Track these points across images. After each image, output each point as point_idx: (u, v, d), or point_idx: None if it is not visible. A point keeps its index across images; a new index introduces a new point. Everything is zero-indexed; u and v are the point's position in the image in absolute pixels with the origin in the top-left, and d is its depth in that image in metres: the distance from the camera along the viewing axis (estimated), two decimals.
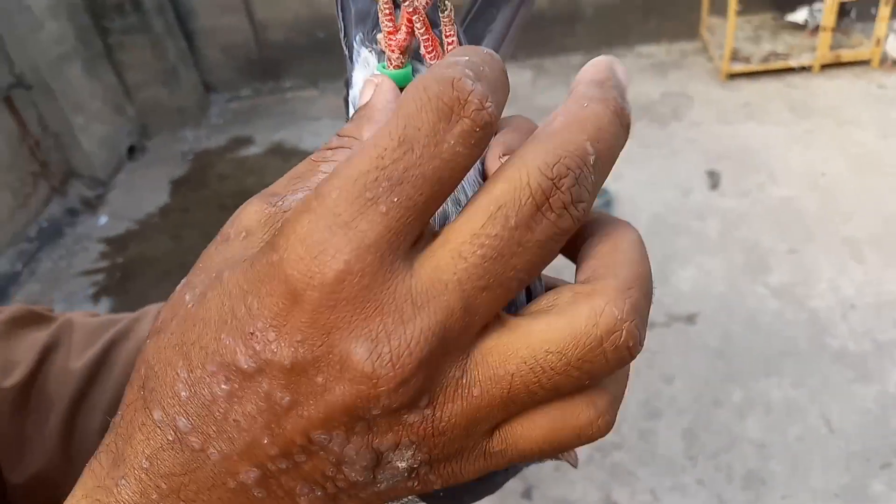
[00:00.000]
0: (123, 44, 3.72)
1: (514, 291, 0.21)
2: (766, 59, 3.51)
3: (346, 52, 0.33)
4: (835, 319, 2.26)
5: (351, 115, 0.31)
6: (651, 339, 2.27)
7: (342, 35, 0.33)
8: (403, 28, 0.29)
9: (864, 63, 3.45)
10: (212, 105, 4.20)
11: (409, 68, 0.30)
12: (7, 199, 3.10)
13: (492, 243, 0.20)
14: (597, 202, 0.23)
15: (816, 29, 3.48)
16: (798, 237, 2.57)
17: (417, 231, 0.20)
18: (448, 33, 0.30)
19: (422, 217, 0.20)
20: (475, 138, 0.20)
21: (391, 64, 0.30)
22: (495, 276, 0.20)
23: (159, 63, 3.80)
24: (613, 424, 0.24)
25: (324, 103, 4.08)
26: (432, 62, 0.30)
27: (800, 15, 3.55)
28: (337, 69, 4.19)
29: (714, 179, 2.91)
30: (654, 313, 2.34)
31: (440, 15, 0.30)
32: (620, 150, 0.23)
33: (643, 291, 0.22)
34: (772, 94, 3.41)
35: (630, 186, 2.94)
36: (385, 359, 0.19)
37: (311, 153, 0.28)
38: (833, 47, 3.43)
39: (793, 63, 3.47)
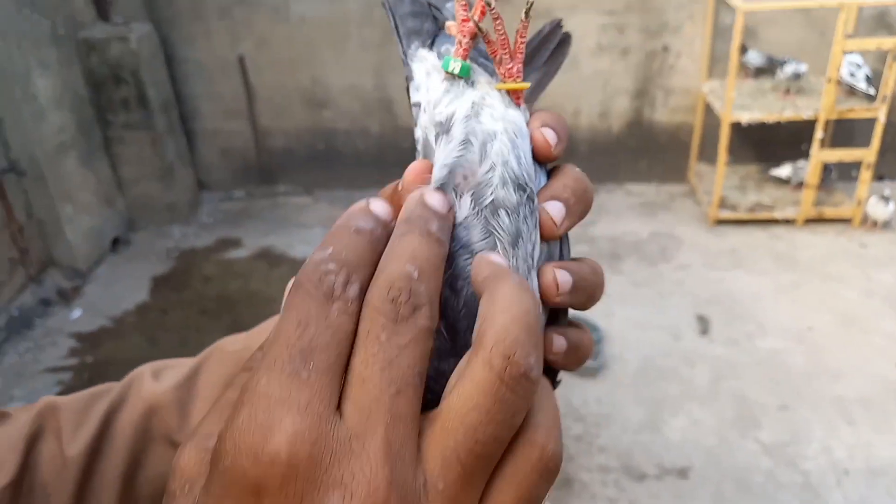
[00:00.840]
0: (123, 138, 3.74)
1: (421, 385, 0.26)
2: (752, 209, 3.63)
3: (403, 59, 0.39)
4: (829, 485, 2.19)
5: (412, 101, 0.38)
6: (643, 492, 2.17)
7: (400, 49, 0.40)
8: (476, 16, 0.35)
9: (846, 221, 3.57)
10: (204, 203, 4.19)
11: (469, 64, 0.35)
12: None
13: (378, 357, 0.25)
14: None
15: (800, 185, 3.63)
16: (788, 393, 2.54)
17: (338, 383, 0.25)
18: (521, 35, 0.36)
19: (337, 370, 0.25)
20: (350, 308, 0.26)
21: (460, 48, 0.35)
22: (396, 379, 0.25)
23: (157, 159, 3.81)
24: (562, 448, 0.27)
25: (316, 211, 4.09)
26: (501, 60, 0.35)
27: (784, 171, 3.71)
28: (333, 180, 4.24)
29: (703, 325, 2.92)
30: (646, 464, 2.26)
31: (522, 18, 0.36)
32: (440, 258, 0.29)
33: (521, 325, 0.25)
34: (758, 243, 3.50)
35: (620, 324, 2.93)
36: (358, 499, 0.22)
37: (298, 261, 0.35)
38: (816, 204, 3.57)
39: (777, 215, 3.58)
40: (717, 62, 3.74)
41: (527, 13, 0.36)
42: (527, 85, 0.36)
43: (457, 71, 0.35)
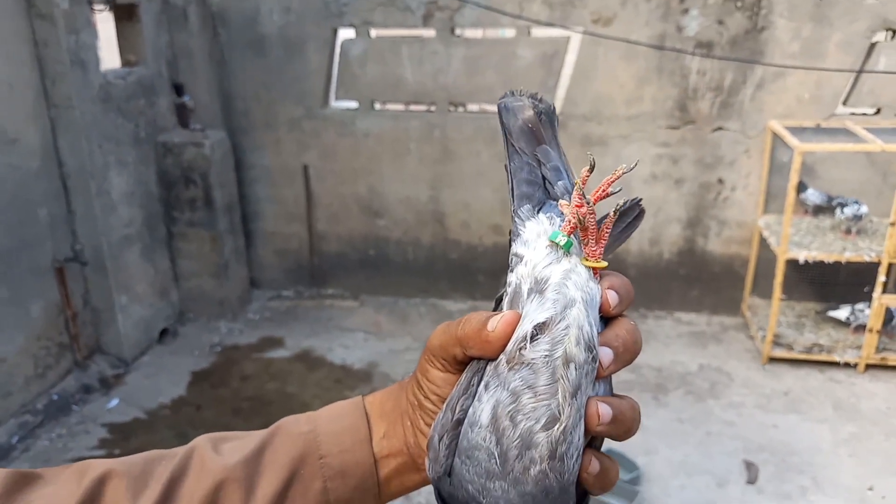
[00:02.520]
0: (186, 234, 3.92)
1: None
2: (809, 350, 3.46)
3: (513, 216, 0.50)
4: None
5: (513, 251, 0.49)
6: None
7: (511, 205, 0.51)
8: (585, 208, 0.45)
9: None
10: (253, 301, 4.29)
11: (572, 241, 0.45)
12: (28, 367, 3.07)
13: None
14: (624, 476, 1.12)
15: (860, 328, 3.45)
16: None
17: None
18: (607, 228, 0.46)
19: None
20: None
21: (568, 226, 0.45)
22: None
23: (214, 256, 3.96)
24: None
25: (361, 316, 4.12)
26: (589, 242, 0.46)
27: (842, 312, 3.55)
28: (381, 286, 4.30)
29: (752, 473, 2.71)
30: None
31: (611, 215, 0.46)
32: None
33: None
34: (814, 386, 3.30)
35: (662, 465, 2.76)
36: None
37: (336, 366, 0.38)
38: (879, 349, 3.37)
39: (837, 358, 3.40)
40: (774, 197, 3.70)
41: (616, 212, 0.47)
42: (605, 264, 0.46)
43: (562, 244, 0.45)
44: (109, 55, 3.53)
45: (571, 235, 0.45)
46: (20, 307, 3.03)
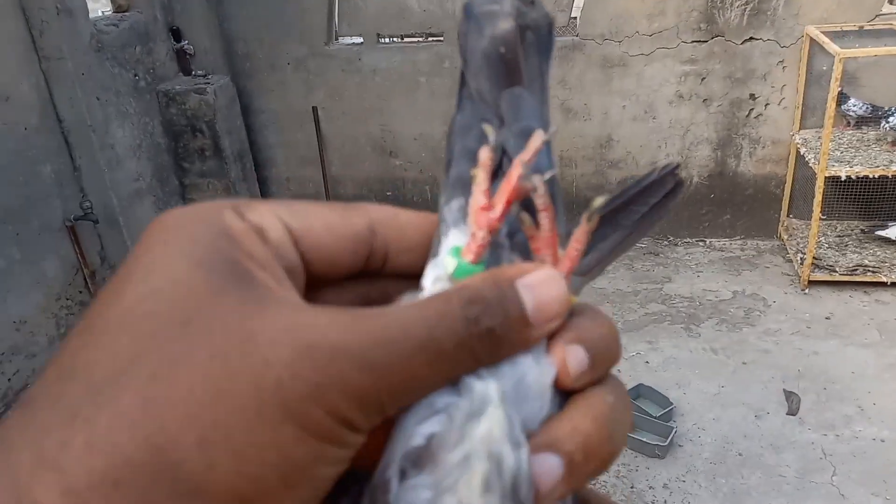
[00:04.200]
0: (198, 185, 3.84)
1: None
2: (852, 271, 3.27)
3: (439, 217, 0.28)
4: None
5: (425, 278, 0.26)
6: None
7: (441, 198, 0.28)
8: (501, 204, 0.25)
9: None
10: None
11: (483, 266, 0.25)
12: (50, 327, 3.07)
13: None
14: (656, 412, 1.19)
15: None
16: (893, 491, 2.19)
17: None
18: (578, 241, 0.25)
19: None
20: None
21: (473, 246, 0.25)
22: None
23: None
24: None
25: None
26: (542, 258, 0.25)
27: (892, 231, 3.33)
28: None
29: (792, 403, 2.59)
30: None
31: (583, 218, 0.25)
32: None
33: None
34: (858, 309, 3.13)
35: (695, 398, 2.65)
36: None
37: None
38: None
39: (884, 278, 3.21)
40: (812, 111, 3.44)
41: (590, 217, 0.25)
42: (574, 300, 0.25)
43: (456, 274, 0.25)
44: (100, 1, 3.38)
45: (479, 258, 0.25)
46: (35, 267, 3.00)
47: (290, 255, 0.25)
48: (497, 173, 0.26)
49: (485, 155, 0.26)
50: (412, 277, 0.27)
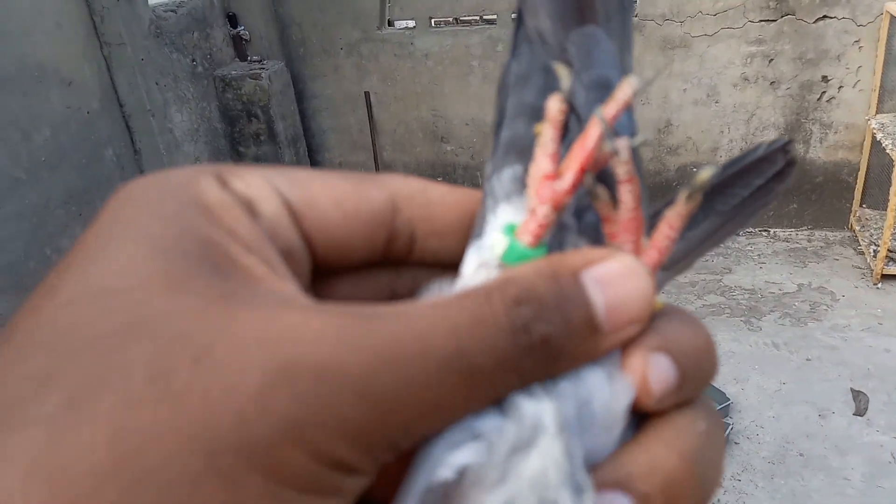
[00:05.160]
0: None
1: None
2: None
3: (484, 190, 0.23)
4: None
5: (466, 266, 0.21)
6: None
7: (488, 167, 0.24)
8: (573, 172, 0.19)
9: None
10: None
11: (544, 251, 0.19)
12: None
13: None
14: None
15: None
16: None
17: None
18: (671, 226, 0.19)
19: None
20: None
21: (533, 224, 0.19)
22: None
23: None
24: None
25: None
26: (619, 246, 0.19)
27: None
28: None
29: (861, 403, 2.45)
30: None
31: (681, 197, 0.19)
32: None
33: None
34: None
35: (754, 394, 2.54)
36: None
37: None
38: None
39: None
40: (890, 94, 3.23)
41: (691, 195, 0.19)
42: (659, 305, 0.20)
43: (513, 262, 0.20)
44: None
45: (539, 241, 0.20)
46: None
47: (289, 235, 0.20)
48: (563, 137, 0.21)
49: (554, 106, 0.20)
50: (448, 267, 0.22)
